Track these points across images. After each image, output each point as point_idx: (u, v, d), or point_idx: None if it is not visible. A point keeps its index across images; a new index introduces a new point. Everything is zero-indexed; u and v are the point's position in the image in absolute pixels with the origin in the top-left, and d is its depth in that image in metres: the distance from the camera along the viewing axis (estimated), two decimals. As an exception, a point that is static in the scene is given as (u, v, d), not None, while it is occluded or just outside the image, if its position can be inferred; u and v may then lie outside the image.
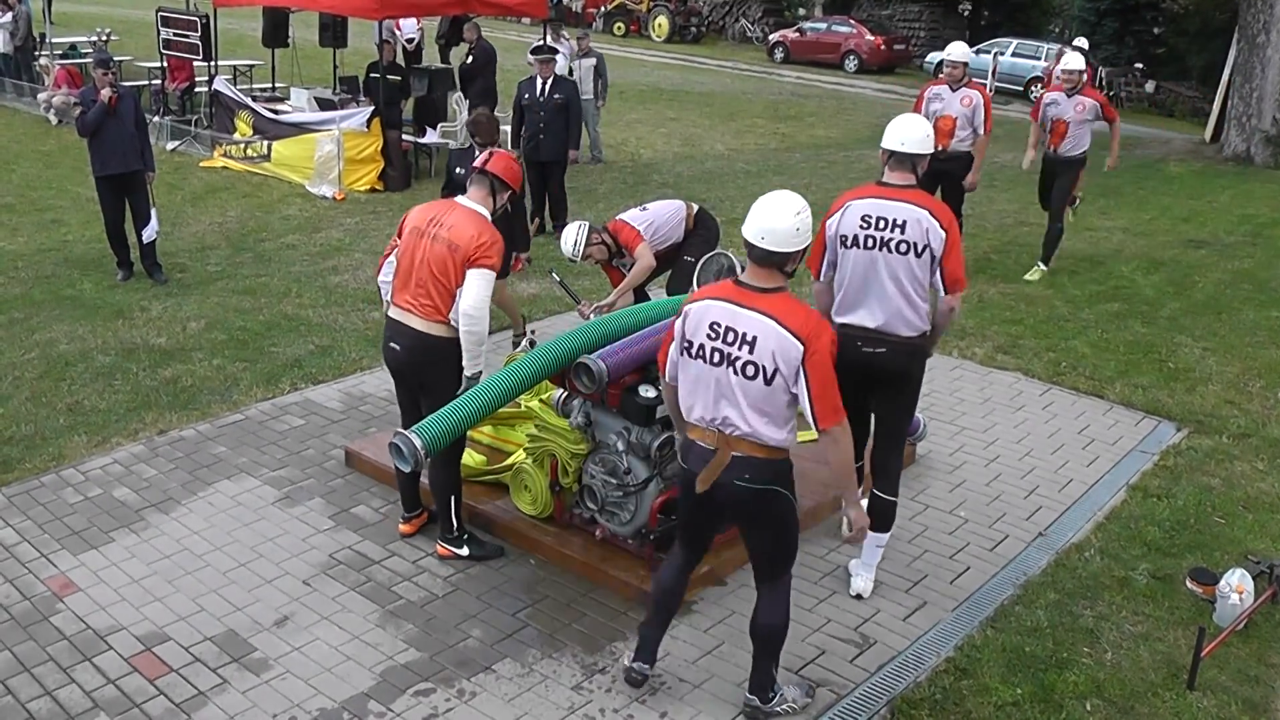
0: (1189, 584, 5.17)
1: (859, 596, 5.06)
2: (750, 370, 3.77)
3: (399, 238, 5.08)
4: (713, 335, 3.83)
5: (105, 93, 8.52)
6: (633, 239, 6.83)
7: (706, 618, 4.87)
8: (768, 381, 3.76)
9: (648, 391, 4.85)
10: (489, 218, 5.03)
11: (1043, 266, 10.32)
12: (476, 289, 4.83)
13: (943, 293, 4.74)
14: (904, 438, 5.16)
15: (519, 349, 7.23)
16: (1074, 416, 7.15)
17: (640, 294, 7.37)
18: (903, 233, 4.65)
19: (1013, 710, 4.34)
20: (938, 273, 4.69)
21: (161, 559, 5.14)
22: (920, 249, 4.64)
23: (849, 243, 4.74)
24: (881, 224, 4.68)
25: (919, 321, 4.79)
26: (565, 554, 5.19)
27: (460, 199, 5.10)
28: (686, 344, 3.92)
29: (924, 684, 4.48)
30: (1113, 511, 5.94)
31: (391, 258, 5.15)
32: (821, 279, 4.91)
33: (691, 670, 4.51)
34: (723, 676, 4.48)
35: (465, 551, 5.25)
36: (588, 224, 6.77)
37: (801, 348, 3.71)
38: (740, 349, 3.78)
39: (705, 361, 3.85)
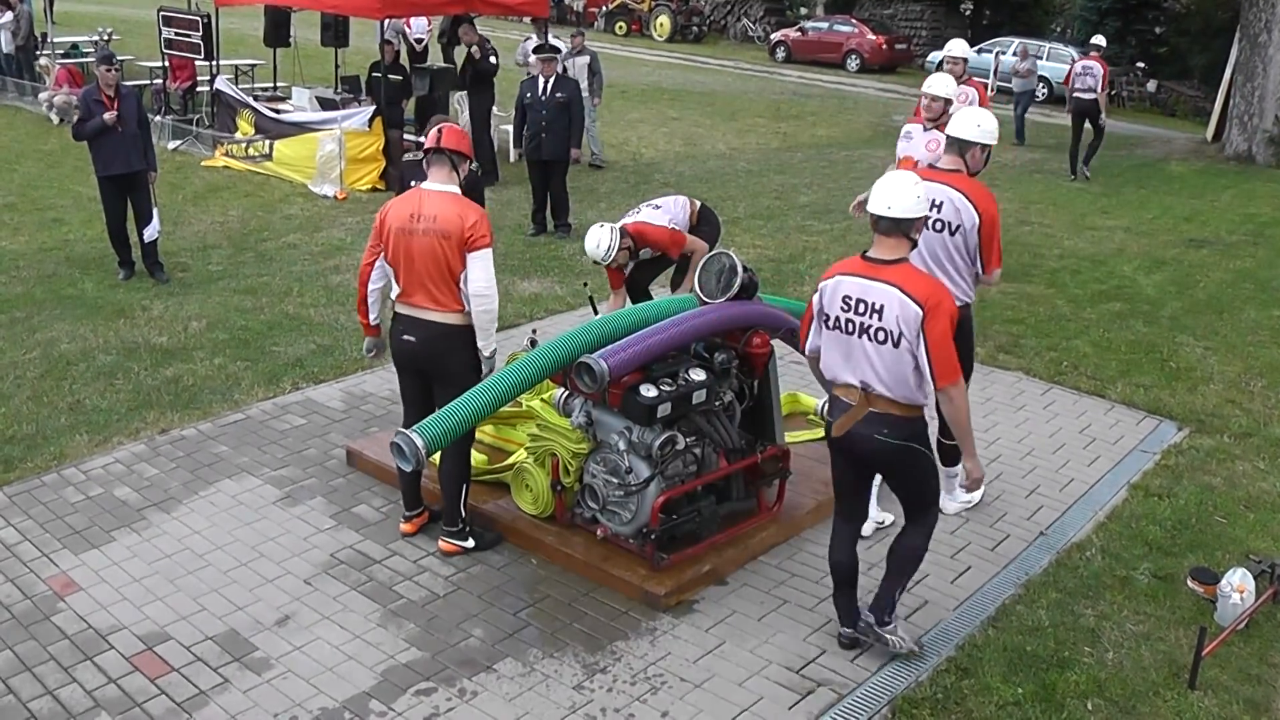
0: (1190, 583, 5.17)
1: (966, 506, 5.83)
2: (880, 336, 4.14)
3: (380, 240, 5.06)
4: (846, 308, 4.22)
5: (109, 116, 8.50)
6: (674, 238, 6.94)
7: (708, 617, 4.87)
8: (895, 345, 4.12)
9: (649, 391, 4.85)
10: (461, 193, 5.04)
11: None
12: (481, 270, 4.91)
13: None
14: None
15: (521, 348, 7.23)
16: (1075, 416, 7.15)
17: (644, 294, 7.38)
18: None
19: (1014, 709, 4.34)
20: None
21: (163, 558, 5.14)
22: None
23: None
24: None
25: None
26: (566, 553, 5.19)
27: (426, 185, 5.06)
28: (825, 317, 4.33)
29: (925, 683, 4.47)
30: (1114, 511, 5.94)
31: (381, 266, 5.14)
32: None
33: (693, 670, 4.51)
34: (724, 676, 4.48)
35: (471, 544, 5.26)
36: (613, 226, 6.73)
37: (921, 313, 4.05)
38: (871, 318, 4.15)
39: (842, 332, 4.25)
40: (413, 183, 7.60)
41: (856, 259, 4.28)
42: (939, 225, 5.23)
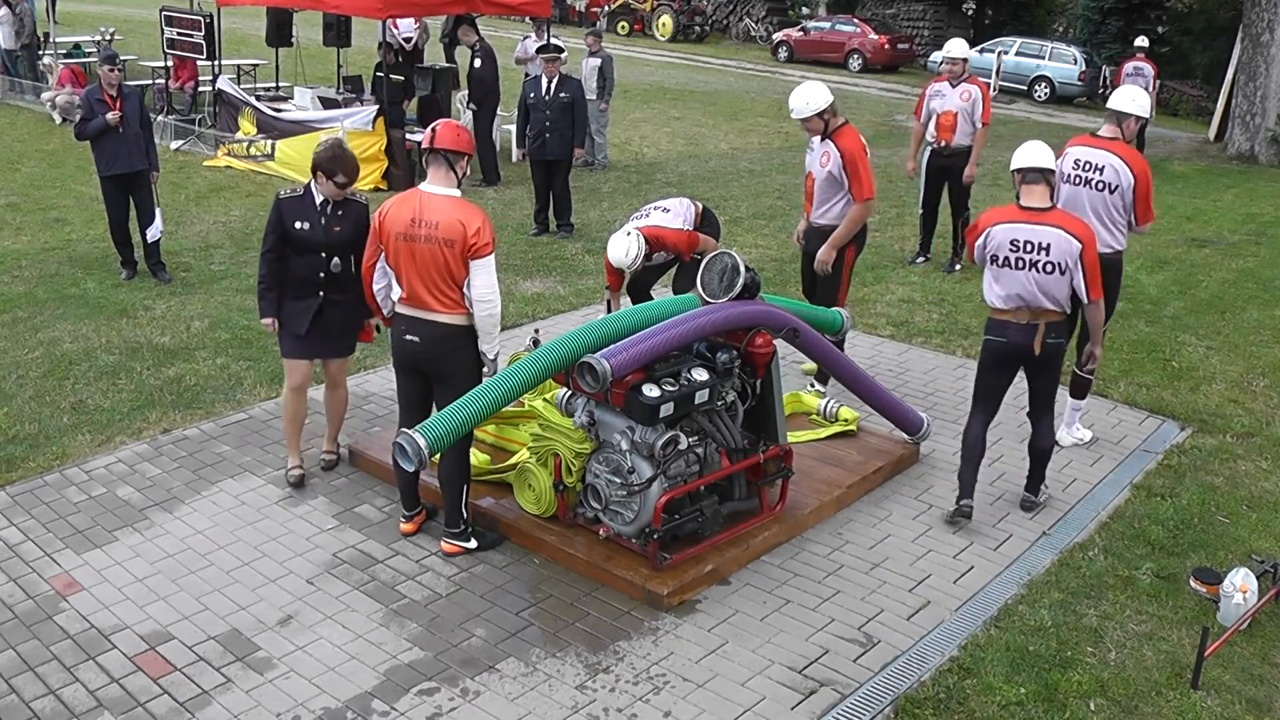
0: (1193, 583, 5.17)
1: (1078, 443, 6.66)
2: (1049, 268, 5.33)
3: (379, 241, 5.06)
4: (1014, 249, 5.36)
5: (112, 116, 8.51)
6: (689, 240, 7.01)
7: (711, 617, 4.87)
8: (1060, 274, 5.33)
9: (652, 391, 4.85)
10: (460, 194, 5.02)
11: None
12: (484, 276, 4.92)
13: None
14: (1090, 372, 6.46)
15: (523, 348, 7.23)
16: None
17: (645, 294, 7.39)
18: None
19: (1016, 709, 4.34)
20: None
21: (165, 558, 5.15)
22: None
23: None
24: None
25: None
26: (569, 553, 5.19)
27: (425, 186, 5.02)
28: (992, 258, 5.44)
29: (928, 683, 4.47)
30: (1116, 511, 5.93)
31: (383, 267, 5.15)
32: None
33: (695, 669, 4.51)
34: (726, 675, 4.48)
35: (474, 544, 5.26)
36: (637, 232, 6.77)
37: (1080, 245, 5.30)
38: (1039, 254, 5.32)
39: (1012, 268, 5.37)
40: (298, 224, 7.26)
41: (1013, 208, 5.44)
42: (1100, 185, 6.22)
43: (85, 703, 4.17)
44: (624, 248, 6.70)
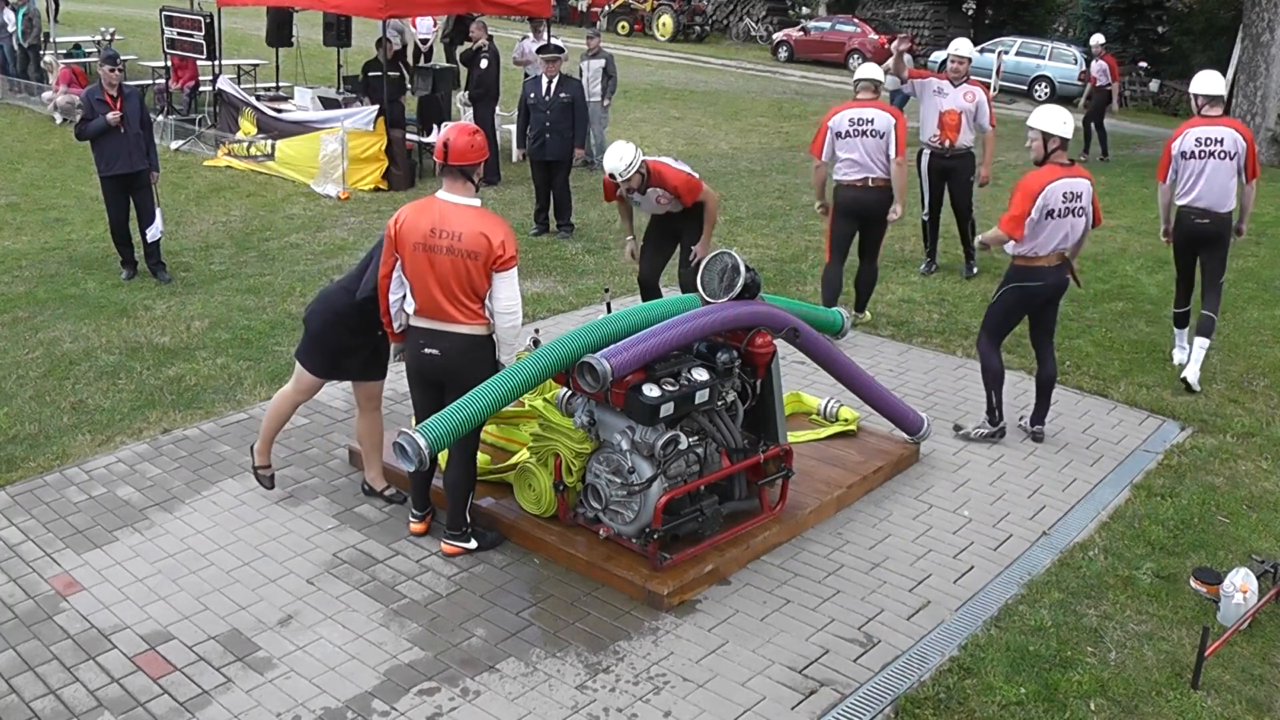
0: (1193, 583, 5.16)
1: (1188, 384, 7.50)
2: (1080, 214, 6.34)
3: (397, 252, 4.93)
4: (1066, 199, 6.24)
5: (112, 116, 8.51)
6: (689, 182, 7.08)
7: (711, 616, 4.87)
8: (1086, 216, 6.41)
9: (652, 390, 4.85)
10: (480, 203, 4.95)
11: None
12: (508, 288, 4.87)
13: (1244, 181, 7.50)
14: (1220, 278, 7.83)
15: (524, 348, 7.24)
16: (1078, 415, 7.14)
17: (654, 291, 7.45)
18: (1222, 145, 7.43)
19: (1017, 709, 4.34)
20: (1243, 171, 7.44)
21: (165, 558, 5.15)
22: (1232, 155, 7.40)
23: (1188, 155, 7.53)
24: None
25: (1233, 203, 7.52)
26: (569, 553, 5.19)
27: (443, 195, 4.91)
28: (1047, 212, 6.23)
29: (928, 683, 4.47)
30: (1117, 511, 5.93)
31: (398, 276, 5.00)
32: (1166, 181, 7.74)
33: (695, 669, 4.51)
34: (727, 675, 4.48)
35: (474, 545, 5.26)
36: (638, 149, 6.88)
37: (1091, 188, 6.43)
38: (1077, 203, 6.29)
39: (1059, 217, 6.26)
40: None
41: (1051, 167, 6.26)
42: (1222, 154, 7.49)
43: (85, 703, 4.17)
44: (618, 153, 6.79)
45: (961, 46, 9.95)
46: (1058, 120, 6.26)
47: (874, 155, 8.02)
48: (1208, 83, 7.78)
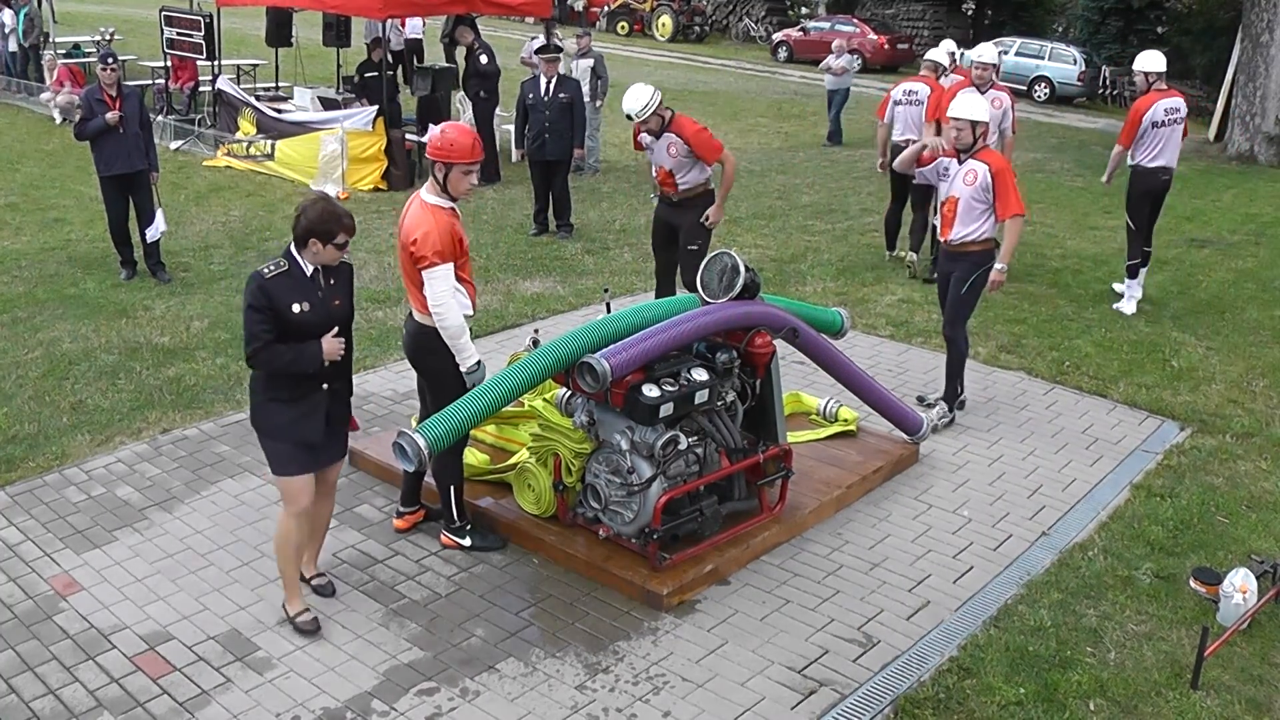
0: (1192, 583, 5.17)
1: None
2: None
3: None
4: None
5: (112, 116, 8.51)
6: (710, 139, 7.34)
7: (710, 616, 4.87)
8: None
9: (651, 391, 4.85)
10: (436, 202, 4.94)
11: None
12: (430, 286, 4.89)
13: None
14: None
15: (523, 348, 7.24)
16: (1078, 416, 7.15)
17: (668, 288, 7.76)
18: (1179, 113, 8.97)
19: (1016, 710, 4.34)
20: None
21: (165, 558, 5.15)
22: (1182, 119, 9.01)
23: (1160, 124, 8.89)
24: (1174, 110, 8.78)
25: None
26: (568, 553, 5.19)
27: (420, 191, 5.06)
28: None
29: (927, 683, 4.47)
30: (1116, 511, 5.93)
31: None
32: (1129, 145, 9.03)
33: (695, 669, 4.51)
34: (726, 676, 4.48)
35: (468, 542, 5.26)
36: (657, 91, 7.14)
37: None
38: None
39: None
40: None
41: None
42: (1179, 120, 8.96)
43: (85, 703, 4.17)
44: (636, 94, 7.08)
45: (987, 53, 9.81)
46: (980, 108, 6.58)
47: (917, 121, 10.02)
48: (1156, 61, 9.05)
